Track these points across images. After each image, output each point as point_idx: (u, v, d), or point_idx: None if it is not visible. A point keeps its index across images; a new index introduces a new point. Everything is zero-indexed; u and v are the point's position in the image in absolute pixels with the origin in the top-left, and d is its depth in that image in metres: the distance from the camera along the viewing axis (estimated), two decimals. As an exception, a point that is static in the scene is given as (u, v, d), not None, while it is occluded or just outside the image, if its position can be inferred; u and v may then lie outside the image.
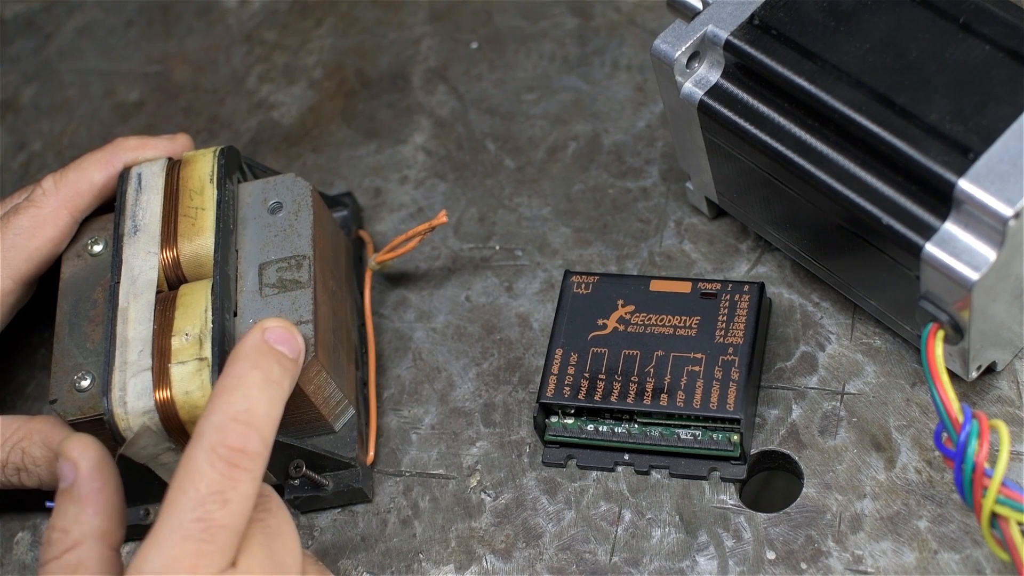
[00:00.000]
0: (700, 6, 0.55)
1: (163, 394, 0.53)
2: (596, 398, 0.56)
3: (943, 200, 0.49)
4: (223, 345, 0.54)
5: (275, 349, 0.49)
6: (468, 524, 0.57)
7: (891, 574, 0.52)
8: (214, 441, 0.45)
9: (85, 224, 0.61)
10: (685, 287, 0.58)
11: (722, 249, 0.62)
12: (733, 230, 0.62)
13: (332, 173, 0.70)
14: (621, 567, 0.54)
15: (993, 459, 0.46)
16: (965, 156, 0.48)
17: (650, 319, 0.57)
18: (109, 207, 0.61)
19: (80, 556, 0.46)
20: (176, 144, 0.62)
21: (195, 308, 0.55)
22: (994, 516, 0.46)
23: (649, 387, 0.56)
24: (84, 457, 0.48)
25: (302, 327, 0.55)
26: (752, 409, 0.56)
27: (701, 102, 0.55)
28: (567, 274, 0.60)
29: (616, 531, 0.55)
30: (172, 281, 0.57)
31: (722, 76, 0.55)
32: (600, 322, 0.58)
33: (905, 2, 0.52)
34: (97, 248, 0.60)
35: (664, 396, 0.55)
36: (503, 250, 0.65)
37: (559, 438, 0.57)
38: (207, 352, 0.53)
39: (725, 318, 0.57)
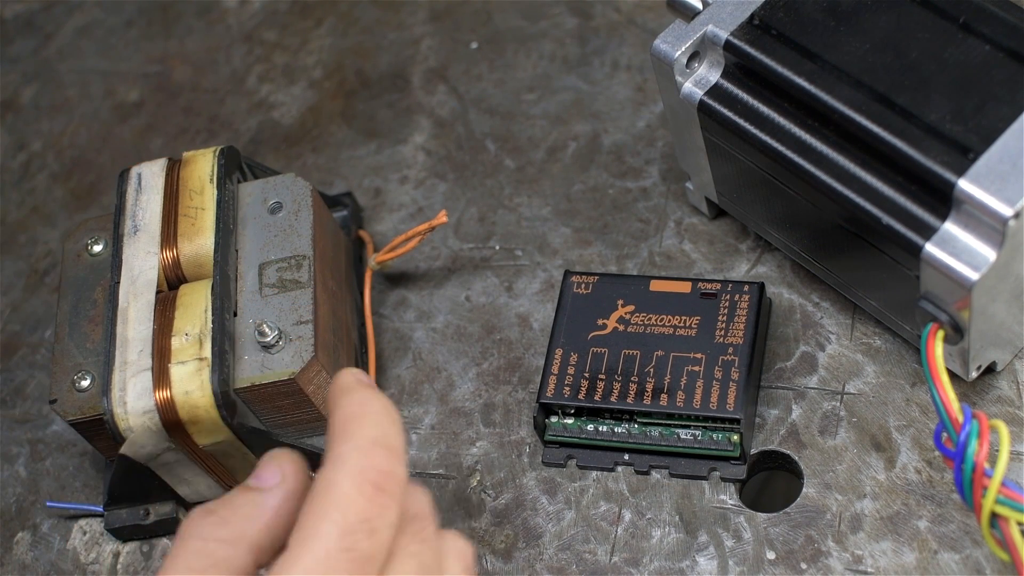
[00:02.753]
0: (700, 6, 0.55)
1: (163, 394, 0.53)
2: (596, 398, 0.56)
3: (943, 200, 0.49)
4: (223, 345, 0.54)
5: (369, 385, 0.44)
6: (468, 524, 0.57)
7: (891, 574, 0.52)
8: (363, 465, 0.40)
9: (85, 224, 0.61)
10: (685, 287, 0.58)
11: (722, 249, 0.62)
12: (733, 230, 0.62)
13: (332, 173, 0.70)
14: (621, 567, 0.54)
15: (993, 459, 0.46)
16: (965, 156, 0.48)
17: (650, 319, 0.57)
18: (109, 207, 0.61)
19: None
20: None
21: (195, 308, 0.55)
22: (994, 516, 0.46)
23: (649, 387, 0.56)
24: (287, 478, 0.43)
25: (302, 327, 0.55)
26: (752, 409, 0.56)
27: (701, 102, 0.55)
28: (567, 274, 0.60)
29: (616, 531, 0.55)
30: (172, 281, 0.57)
31: (722, 76, 0.55)
32: (600, 322, 0.58)
33: (905, 2, 0.52)
34: (97, 248, 0.60)
35: (664, 396, 0.55)
36: (503, 250, 0.65)
37: (559, 438, 0.57)
38: (207, 352, 0.53)
39: (725, 318, 0.57)
